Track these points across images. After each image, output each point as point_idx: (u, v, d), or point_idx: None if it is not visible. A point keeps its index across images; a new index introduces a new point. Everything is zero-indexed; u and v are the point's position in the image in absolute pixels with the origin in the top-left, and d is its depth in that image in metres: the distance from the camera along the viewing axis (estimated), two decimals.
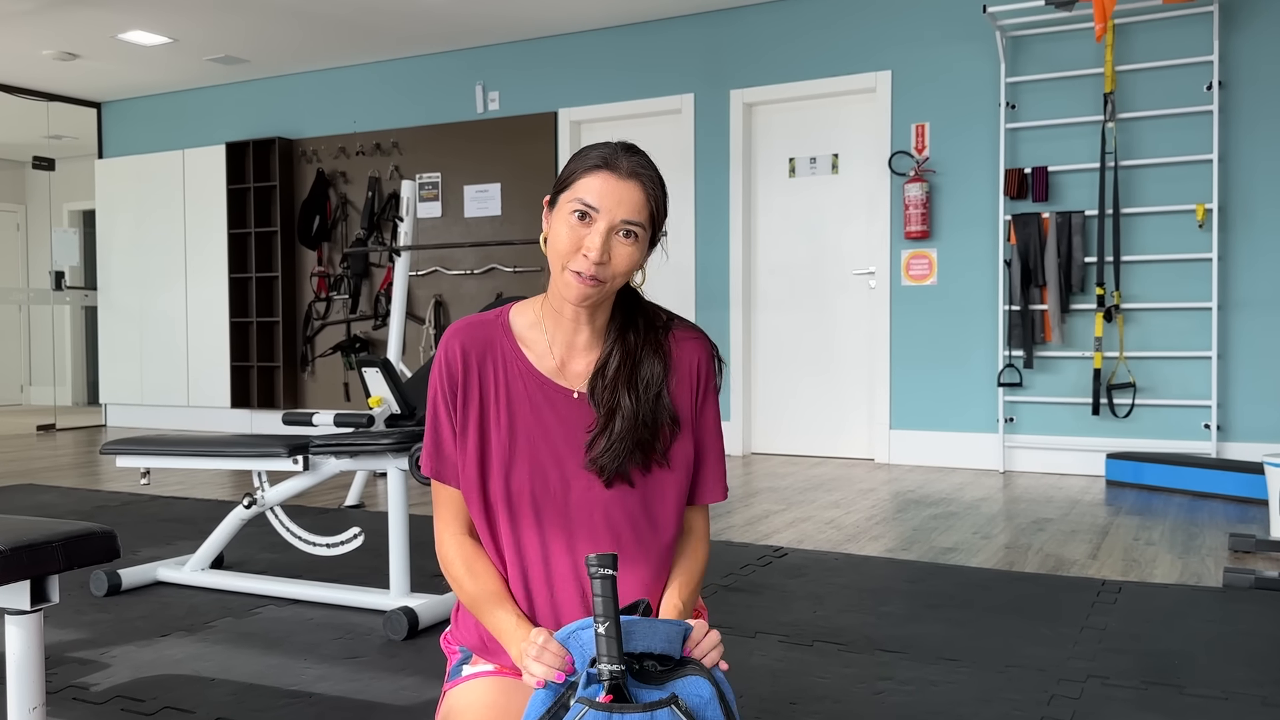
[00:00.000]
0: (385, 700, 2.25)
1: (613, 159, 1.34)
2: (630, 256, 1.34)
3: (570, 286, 1.34)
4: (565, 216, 1.34)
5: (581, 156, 1.37)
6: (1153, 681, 2.31)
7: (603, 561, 1.16)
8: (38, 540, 1.66)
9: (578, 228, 1.32)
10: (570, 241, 1.33)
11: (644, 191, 1.34)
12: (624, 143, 1.38)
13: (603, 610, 1.15)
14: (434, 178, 7.27)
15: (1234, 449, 5.14)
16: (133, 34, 6.79)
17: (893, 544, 3.79)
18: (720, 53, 6.35)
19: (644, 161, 1.36)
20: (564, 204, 1.35)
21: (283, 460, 2.99)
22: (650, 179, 1.35)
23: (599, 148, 1.36)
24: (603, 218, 1.32)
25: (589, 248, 1.31)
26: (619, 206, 1.32)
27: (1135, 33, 5.32)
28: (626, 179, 1.33)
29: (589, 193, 1.32)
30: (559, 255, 1.34)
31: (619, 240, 1.33)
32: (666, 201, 1.39)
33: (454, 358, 1.40)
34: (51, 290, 8.65)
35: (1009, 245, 5.51)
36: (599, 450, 1.37)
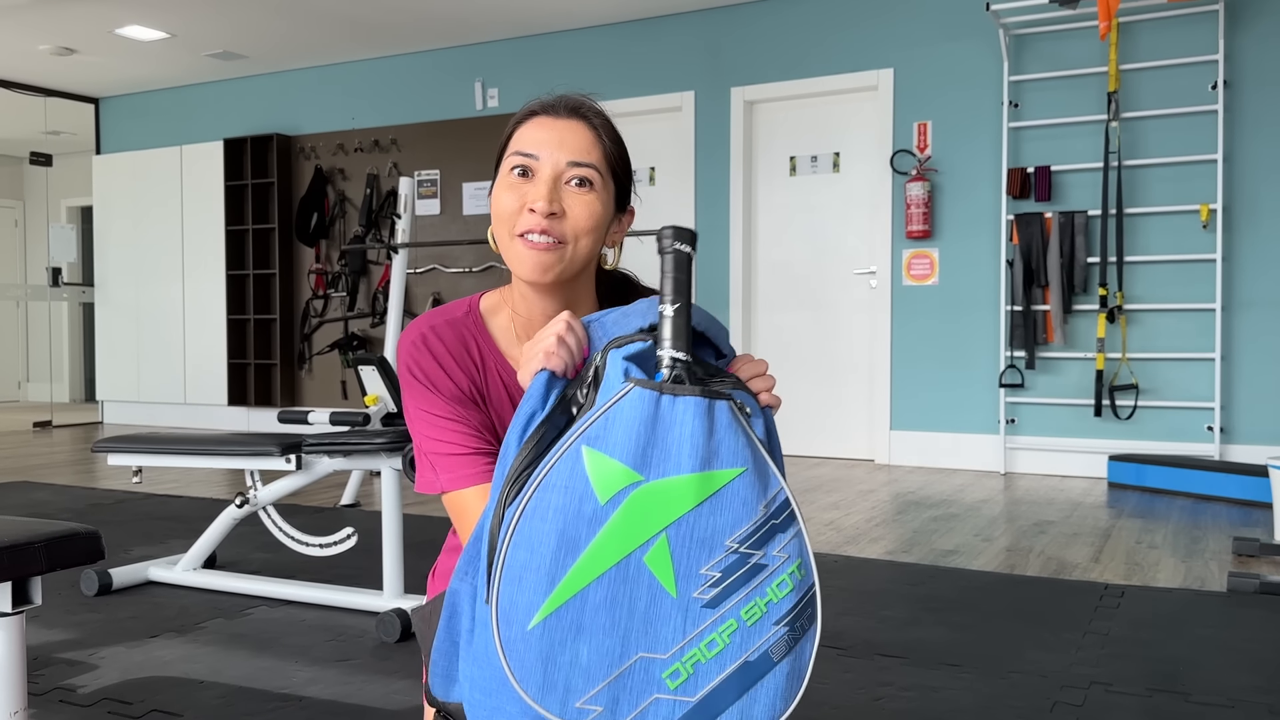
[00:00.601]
0: (377, 704, 2.22)
1: (548, 102, 1.20)
2: (589, 207, 1.16)
3: (523, 258, 1.15)
4: (504, 178, 1.18)
5: (516, 115, 1.23)
6: (1157, 688, 2.27)
7: (679, 236, 0.99)
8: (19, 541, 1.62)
9: (519, 184, 1.16)
10: (513, 201, 1.15)
11: (590, 128, 1.18)
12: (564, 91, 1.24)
13: (673, 291, 0.98)
14: (432, 175, 7.23)
15: (1237, 451, 5.10)
16: (130, 29, 6.75)
17: (893, 546, 3.76)
18: (721, 50, 6.31)
19: (584, 101, 1.21)
20: (502, 168, 1.19)
21: (275, 459, 2.95)
22: (595, 114, 1.20)
23: (534, 100, 1.23)
24: (545, 164, 1.15)
25: (534, 198, 1.14)
26: (561, 148, 1.15)
27: (1139, 31, 5.28)
28: (566, 118, 1.18)
29: (525, 143, 1.16)
30: (504, 221, 1.16)
31: (571, 190, 1.16)
32: (625, 151, 1.22)
33: (430, 359, 1.21)
34: (49, 286, 8.61)
35: (1011, 245, 5.47)
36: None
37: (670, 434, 0.93)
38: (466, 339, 1.24)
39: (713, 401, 0.95)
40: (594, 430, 0.93)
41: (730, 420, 0.96)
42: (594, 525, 0.91)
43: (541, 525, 0.92)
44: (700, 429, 0.93)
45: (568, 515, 0.91)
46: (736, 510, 0.94)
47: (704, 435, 0.93)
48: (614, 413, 0.94)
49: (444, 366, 1.21)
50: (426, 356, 1.21)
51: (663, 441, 0.93)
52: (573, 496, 0.92)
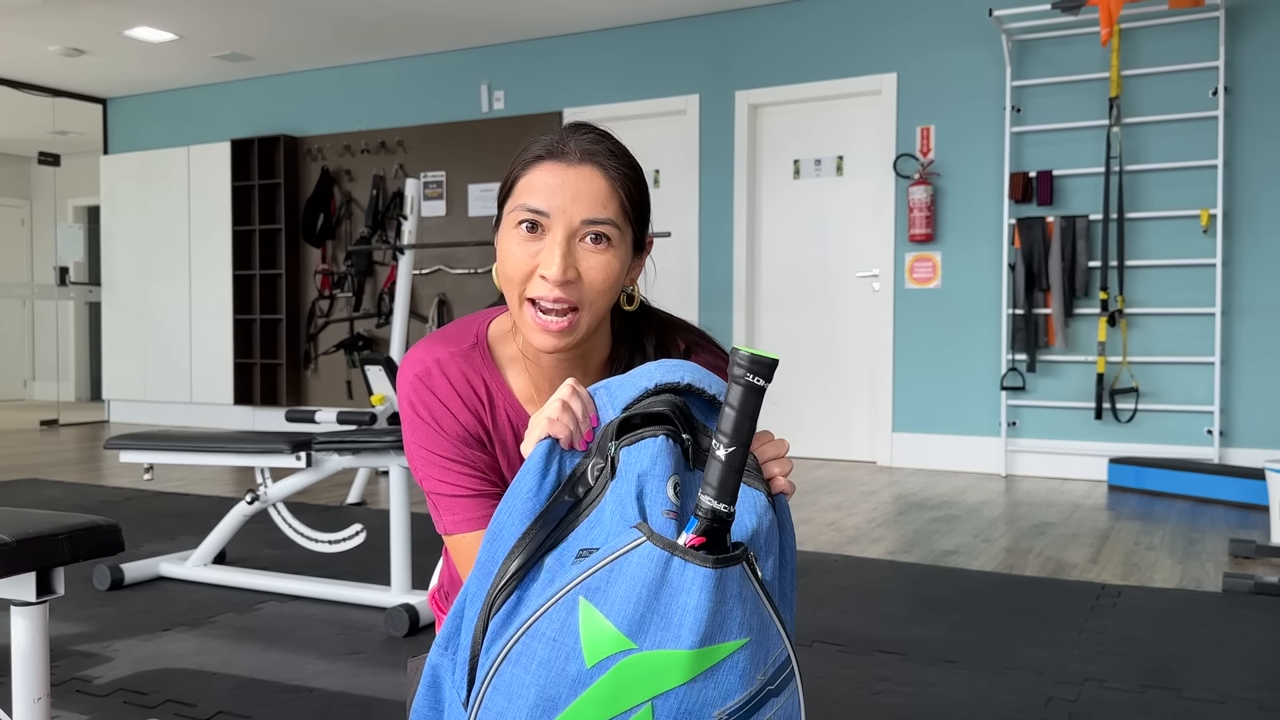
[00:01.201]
0: (386, 695, 2.26)
1: (557, 144, 1.05)
2: (606, 268, 1.04)
3: (534, 330, 1.05)
4: (511, 232, 1.05)
5: (522, 151, 1.07)
6: (1150, 685, 2.32)
7: (756, 366, 0.84)
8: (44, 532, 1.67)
9: (528, 242, 1.03)
10: (522, 262, 1.03)
11: (605, 176, 1.04)
12: (574, 122, 1.09)
13: (732, 431, 0.85)
14: (438, 176, 7.29)
15: (1236, 454, 5.14)
16: (139, 30, 6.81)
17: (894, 546, 3.80)
18: (726, 54, 6.36)
19: (600, 136, 1.06)
20: (508, 218, 1.06)
21: (286, 457, 3.00)
22: (611, 155, 1.05)
23: (540, 135, 1.07)
24: (557, 222, 1.03)
25: (545, 264, 1.02)
26: (575, 203, 1.02)
27: (1141, 37, 5.33)
28: (579, 164, 1.03)
29: (534, 195, 1.03)
30: (511, 283, 1.05)
31: (586, 249, 1.03)
32: (644, 185, 1.09)
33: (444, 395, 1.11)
34: (55, 286, 8.67)
35: (1013, 249, 5.51)
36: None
37: (674, 603, 0.85)
38: (472, 376, 1.13)
39: (724, 571, 0.86)
40: (595, 581, 0.86)
41: (740, 588, 0.87)
42: (576, 688, 0.85)
43: (524, 675, 0.86)
44: (706, 603, 0.85)
45: (551, 672, 0.86)
46: (732, 683, 0.87)
47: (709, 610, 0.85)
48: (619, 566, 0.85)
49: (449, 406, 1.11)
50: (429, 395, 1.11)
51: (665, 610, 0.85)
52: (559, 652, 0.86)
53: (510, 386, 1.13)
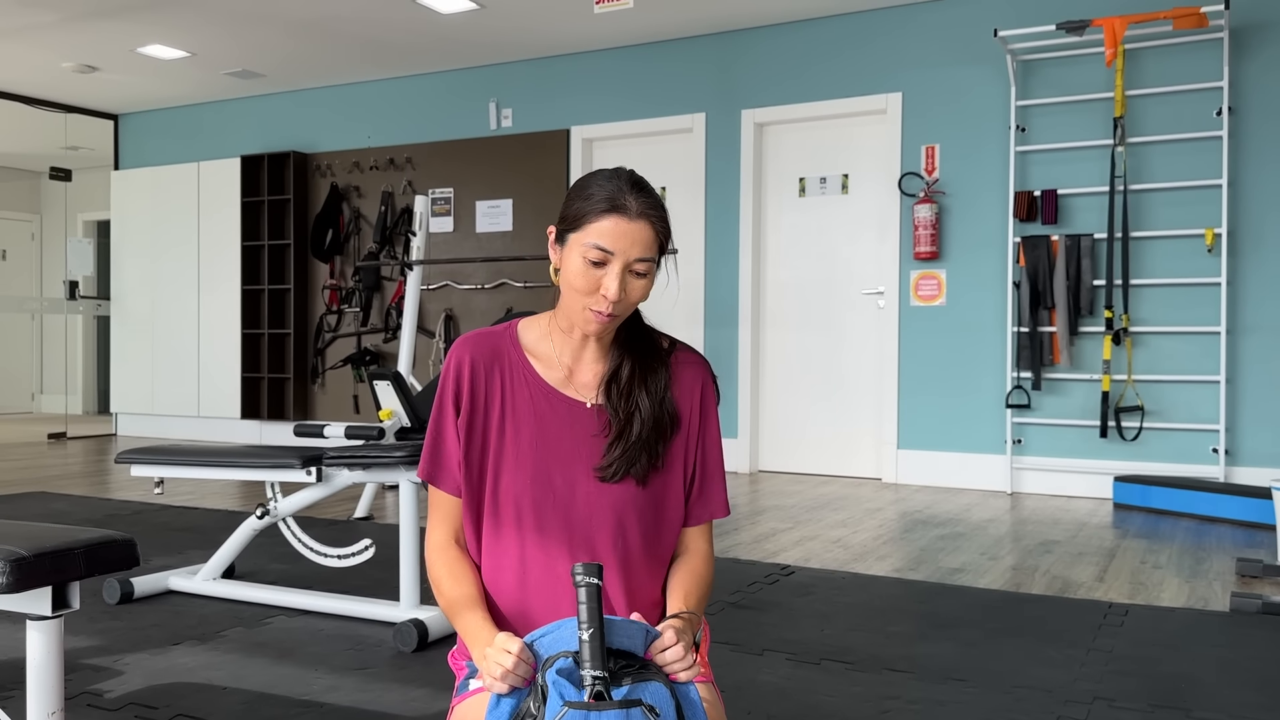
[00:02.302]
0: (395, 711, 2.27)
1: (620, 200, 1.38)
2: (643, 288, 1.42)
3: (589, 322, 1.42)
4: (579, 259, 1.39)
5: (586, 197, 1.41)
6: (1159, 704, 2.32)
7: (588, 571, 1.20)
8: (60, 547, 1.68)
9: (593, 271, 1.38)
10: (587, 284, 1.39)
11: (653, 229, 1.40)
12: (627, 176, 1.42)
13: (587, 618, 1.18)
14: (446, 193, 7.33)
15: (1242, 474, 5.14)
16: (152, 48, 6.87)
17: (900, 564, 3.80)
18: (732, 73, 6.40)
19: (650, 199, 1.41)
20: (575, 245, 1.40)
21: (296, 471, 3.02)
22: (658, 215, 1.41)
23: (602, 185, 1.41)
24: (617, 260, 1.38)
25: (607, 289, 1.38)
26: (632, 248, 1.38)
27: (1145, 58, 5.36)
28: (636, 220, 1.38)
29: (601, 237, 1.37)
30: (575, 293, 1.41)
31: (632, 277, 1.40)
32: (669, 224, 1.45)
33: (462, 367, 1.47)
34: (65, 299, 8.71)
35: (1018, 267, 5.53)
36: (616, 454, 1.43)
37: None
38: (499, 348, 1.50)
39: (629, 711, 1.16)
40: None
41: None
42: None
43: None
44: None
45: None
46: None
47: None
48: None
49: (470, 372, 1.47)
50: (462, 360, 1.48)
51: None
52: None
53: (529, 360, 1.49)
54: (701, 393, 1.51)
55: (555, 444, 1.44)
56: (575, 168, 6.87)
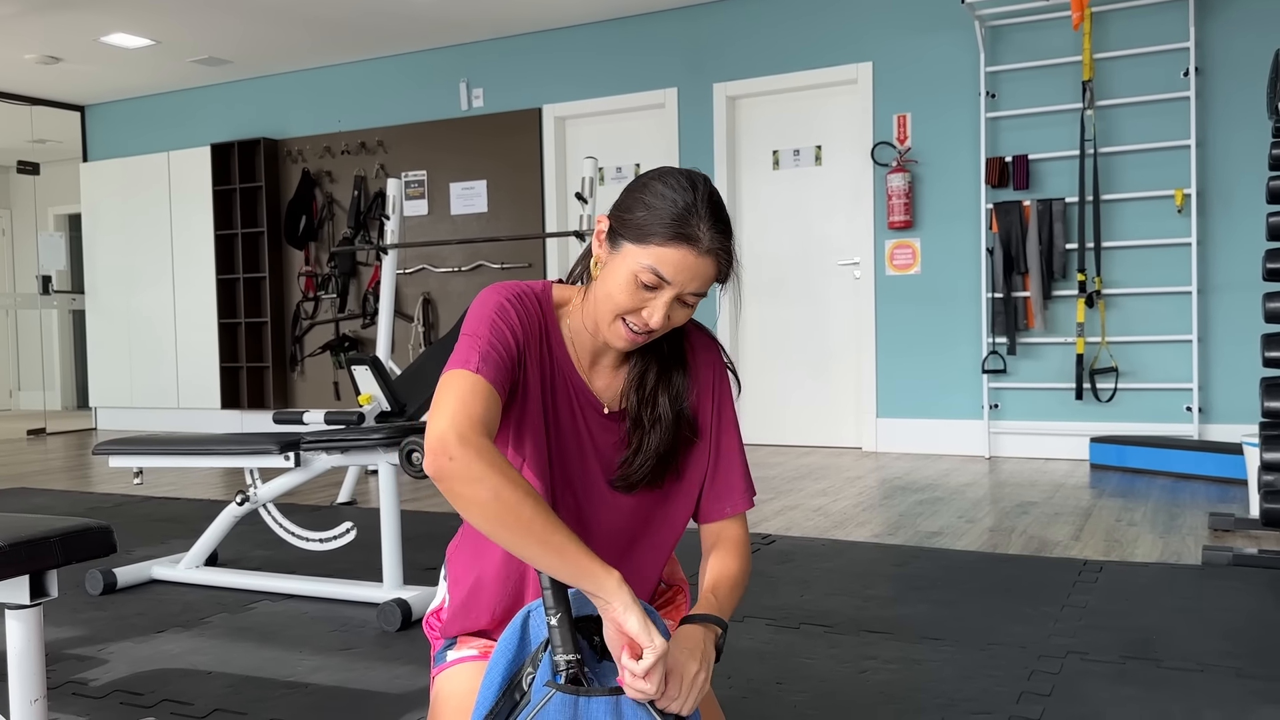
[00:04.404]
0: (380, 689, 2.30)
1: (693, 230, 1.24)
2: (687, 316, 1.31)
3: (620, 337, 1.30)
4: (630, 274, 1.26)
5: (655, 209, 1.25)
6: (1130, 656, 2.37)
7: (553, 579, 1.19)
8: (36, 536, 1.69)
9: (640, 292, 1.27)
10: (632, 301, 1.27)
11: (718, 265, 1.28)
12: (705, 194, 1.26)
13: (553, 602, 1.17)
14: (419, 175, 7.30)
15: (1215, 430, 5.20)
16: (115, 37, 6.79)
17: (879, 529, 3.85)
18: (702, 46, 6.39)
19: (724, 233, 1.27)
20: (630, 257, 1.26)
21: (274, 457, 3.02)
22: (726, 253, 1.28)
23: (675, 198, 1.25)
24: (672, 289, 1.26)
25: (651, 317, 1.27)
26: (691, 282, 1.26)
27: (1112, 20, 5.38)
28: (705, 255, 1.25)
29: (663, 265, 1.24)
30: (615, 306, 1.28)
31: (679, 305, 1.29)
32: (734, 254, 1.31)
33: (523, 320, 1.31)
34: (39, 294, 8.65)
35: (991, 233, 5.57)
36: (634, 468, 1.37)
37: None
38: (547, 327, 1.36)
39: (619, 699, 1.15)
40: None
41: (636, 710, 1.16)
42: None
43: None
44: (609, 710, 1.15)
45: None
46: None
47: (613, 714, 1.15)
48: (544, 715, 1.14)
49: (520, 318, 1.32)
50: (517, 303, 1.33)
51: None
52: None
53: (561, 333, 1.37)
54: (715, 383, 1.44)
55: (583, 444, 1.37)
56: (548, 146, 6.85)
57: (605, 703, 1.15)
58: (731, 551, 1.41)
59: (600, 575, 1.15)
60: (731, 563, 1.40)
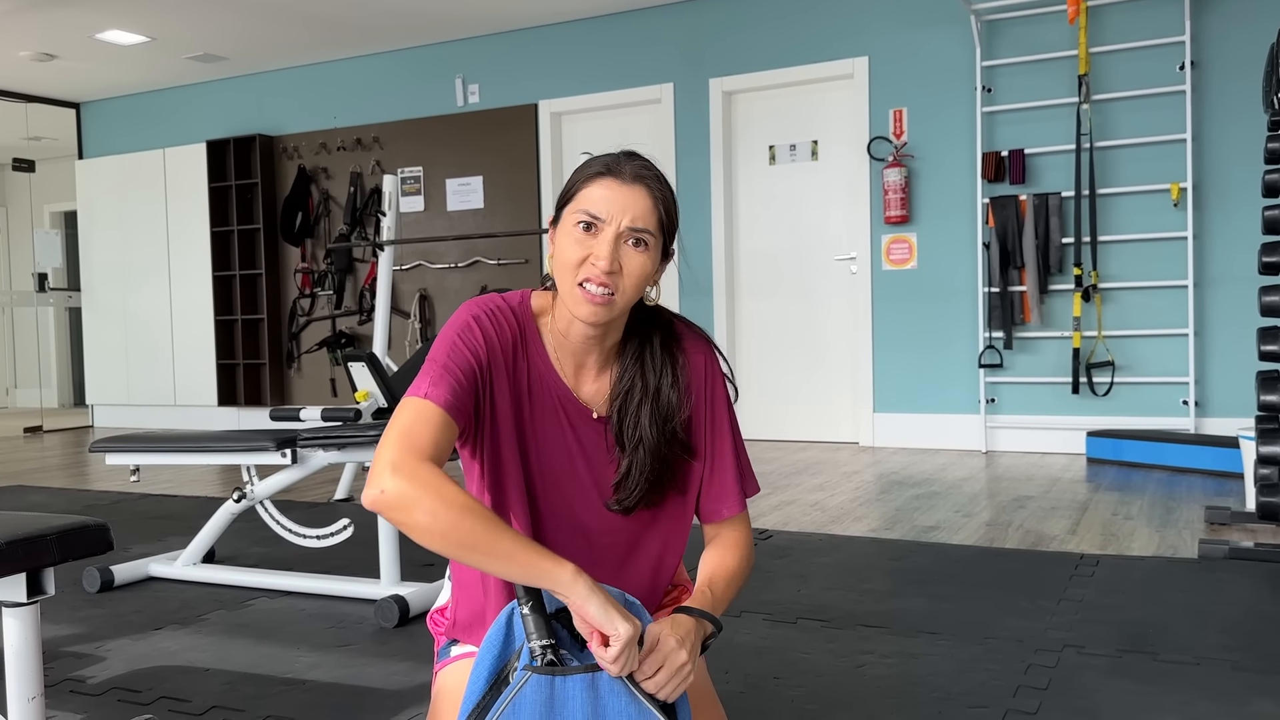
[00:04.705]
0: (378, 685, 2.30)
1: (615, 165, 1.30)
2: (642, 266, 1.29)
3: (580, 303, 1.28)
4: (570, 230, 1.29)
5: (583, 168, 1.32)
6: (1127, 649, 2.37)
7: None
8: (32, 534, 1.69)
9: (584, 239, 1.27)
10: (577, 252, 1.27)
11: (650, 196, 1.29)
12: (626, 150, 1.33)
13: (523, 593, 1.19)
14: (415, 172, 7.29)
15: (1212, 424, 5.21)
16: (110, 33, 6.77)
17: (876, 524, 3.85)
18: (699, 42, 6.38)
19: (648, 165, 1.32)
20: (568, 217, 1.30)
21: (271, 454, 3.02)
22: (656, 181, 1.31)
23: (600, 157, 1.32)
24: (609, 225, 1.27)
25: (597, 256, 1.26)
26: (625, 213, 1.27)
27: (1107, 15, 5.38)
28: (630, 183, 1.28)
29: (593, 202, 1.27)
30: (566, 268, 1.28)
31: (628, 249, 1.28)
32: (676, 208, 1.33)
33: (490, 337, 1.31)
34: (35, 292, 8.63)
35: (987, 228, 5.57)
36: (628, 489, 1.35)
37: (566, 708, 1.15)
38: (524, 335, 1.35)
39: (595, 675, 1.16)
40: (506, 715, 1.15)
41: (611, 683, 1.16)
42: None
43: None
44: (587, 699, 1.15)
45: None
46: None
47: (590, 704, 1.15)
48: (521, 698, 1.15)
49: (488, 336, 1.31)
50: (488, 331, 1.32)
51: (560, 715, 1.15)
52: None
53: (543, 342, 1.36)
54: (709, 389, 1.42)
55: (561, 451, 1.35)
56: (544, 142, 6.85)
57: (581, 682, 1.16)
58: (729, 548, 1.42)
59: (554, 571, 1.15)
60: (728, 559, 1.40)
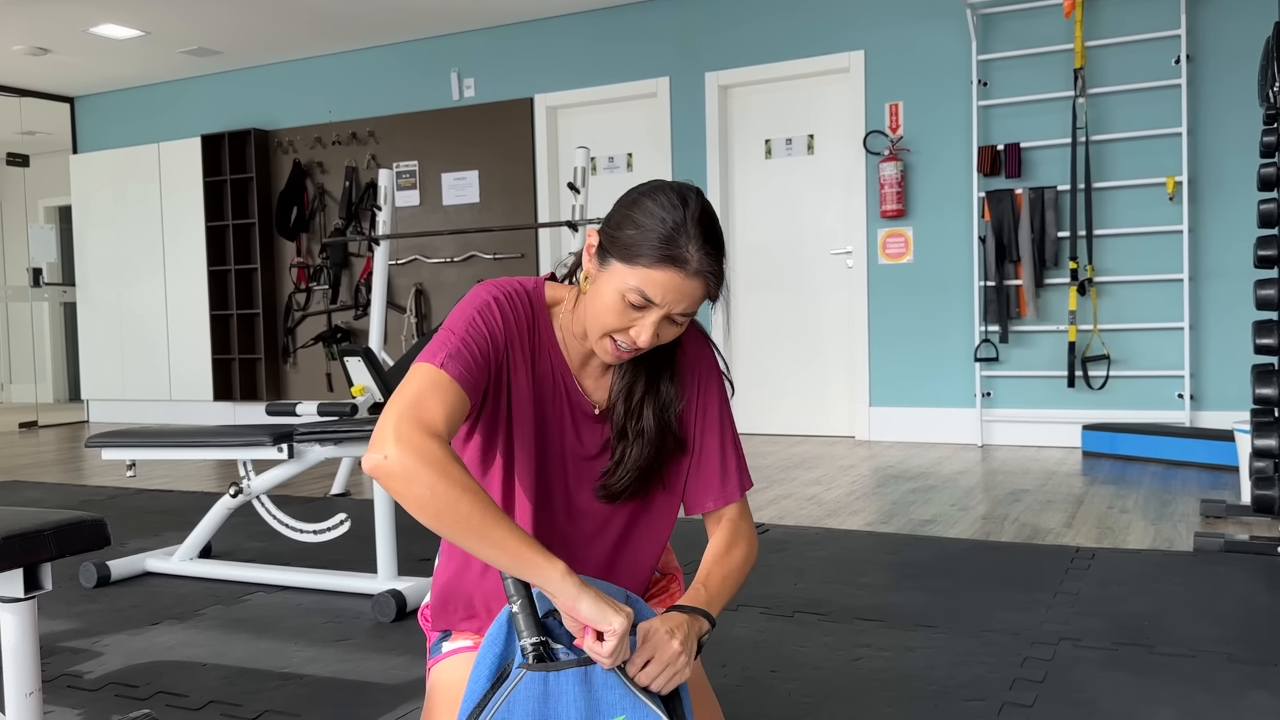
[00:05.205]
0: (375, 679, 2.30)
1: (680, 251, 1.22)
2: (676, 334, 1.30)
3: (604, 351, 1.30)
4: (617, 294, 1.25)
5: (644, 227, 1.23)
6: (1123, 642, 2.38)
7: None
8: (29, 529, 1.69)
9: (628, 312, 1.25)
10: (619, 320, 1.26)
11: (707, 287, 1.26)
12: (695, 212, 1.24)
13: (513, 590, 1.20)
14: (411, 166, 7.28)
15: (1207, 418, 5.22)
16: (104, 28, 6.75)
17: (872, 518, 3.86)
18: (695, 35, 6.37)
19: (714, 254, 1.26)
20: (617, 276, 1.25)
21: (267, 449, 3.02)
22: (715, 274, 1.26)
23: (664, 216, 1.23)
24: (659, 309, 1.25)
25: (639, 332, 1.26)
26: (679, 302, 1.25)
27: (1103, 8, 5.38)
28: (692, 278, 1.24)
29: (650, 286, 1.23)
30: (600, 322, 1.27)
31: (668, 324, 1.28)
32: (725, 273, 1.30)
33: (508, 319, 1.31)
34: (30, 287, 8.61)
35: (983, 222, 5.57)
36: (618, 476, 1.36)
37: (560, 701, 1.16)
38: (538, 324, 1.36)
39: (588, 669, 1.17)
40: (501, 712, 1.16)
41: (605, 675, 1.17)
42: None
43: None
44: (580, 692, 1.16)
45: None
46: None
47: (584, 696, 1.16)
48: (515, 695, 1.17)
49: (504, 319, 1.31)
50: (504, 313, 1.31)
51: (554, 709, 1.16)
52: None
53: (554, 331, 1.37)
54: (702, 382, 1.43)
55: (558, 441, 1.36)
56: (540, 136, 6.84)
57: (574, 676, 1.17)
58: (726, 543, 1.43)
59: (544, 567, 1.15)
60: (725, 554, 1.42)
